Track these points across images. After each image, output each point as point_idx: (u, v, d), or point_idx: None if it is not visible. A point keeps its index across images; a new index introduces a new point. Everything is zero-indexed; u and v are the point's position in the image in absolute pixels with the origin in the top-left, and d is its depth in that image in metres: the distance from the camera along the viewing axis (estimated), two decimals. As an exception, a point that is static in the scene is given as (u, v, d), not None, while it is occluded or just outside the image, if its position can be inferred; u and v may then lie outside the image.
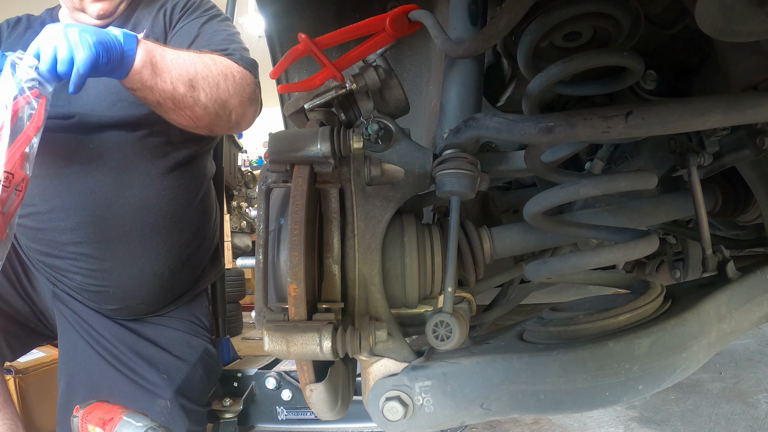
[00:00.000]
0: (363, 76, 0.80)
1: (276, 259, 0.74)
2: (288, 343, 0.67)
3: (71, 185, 1.42)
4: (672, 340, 0.73)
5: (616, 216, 0.92)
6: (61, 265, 1.48)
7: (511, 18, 0.68)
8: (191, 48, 1.44)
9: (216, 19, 1.56)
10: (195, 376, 1.57)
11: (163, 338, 1.57)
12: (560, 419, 2.26)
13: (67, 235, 1.44)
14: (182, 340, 1.60)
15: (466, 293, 0.86)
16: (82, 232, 1.44)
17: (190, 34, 1.51)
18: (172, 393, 1.49)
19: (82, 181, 1.42)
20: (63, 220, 1.43)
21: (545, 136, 0.66)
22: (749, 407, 2.25)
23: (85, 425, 1.16)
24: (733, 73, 0.81)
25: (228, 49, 1.44)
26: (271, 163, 0.74)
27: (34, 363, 2.08)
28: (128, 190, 1.45)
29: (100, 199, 1.43)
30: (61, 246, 1.46)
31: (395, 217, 0.79)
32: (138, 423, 1.11)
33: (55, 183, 1.42)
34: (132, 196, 1.46)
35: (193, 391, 1.55)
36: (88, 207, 1.42)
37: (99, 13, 1.48)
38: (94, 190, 1.42)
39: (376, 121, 0.78)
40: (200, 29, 1.52)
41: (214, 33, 1.52)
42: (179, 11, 1.57)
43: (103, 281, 1.49)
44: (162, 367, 1.52)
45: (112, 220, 1.45)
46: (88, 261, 1.46)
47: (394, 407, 0.74)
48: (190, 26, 1.53)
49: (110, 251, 1.47)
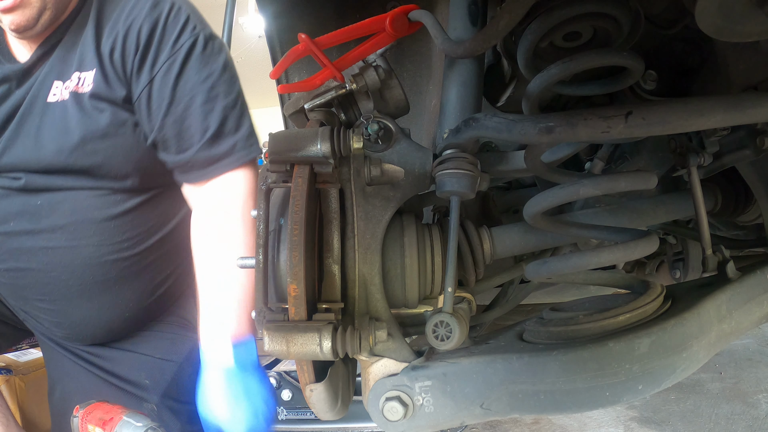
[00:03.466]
0: (363, 76, 0.80)
1: (276, 259, 0.74)
2: (288, 343, 0.67)
3: (22, 245, 1.32)
4: (672, 340, 0.73)
5: (616, 216, 0.92)
6: (29, 311, 1.42)
7: (511, 18, 0.68)
8: (166, 115, 1.24)
9: (192, 61, 1.26)
10: (183, 375, 1.49)
11: (142, 345, 1.50)
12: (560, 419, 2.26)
13: (28, 291, 1.37)
14: (165, 341, 1.52)
15: (466, 293, 0.86)
16: (41, 290, 1.35)
17: (161, 103, 1.24)
18: (158, 396, 1.43)
19: (32, 241, 1.31)
20: (20, 279, 1.35)
21: (545, 136, 0.66)
22: (749, 407, 2.25)
23: (85, 425, 1.16)
24: (733, 73, 0.81)
25: (209, 132, 1.23)
26: (271, 163, 0.74)
27: (34, 363, 2.08)
28: (83, 248, 1.33)
29: (54, 258, 1.32)
30: (24, 300, 1.39)
31: (395, 217, 0.79)
32: (138, 423, 1.11)
33: (7, 243, 1.32)
34: (88, 253, 1.33)
35: (182, 391, 1.48)
36: (42, 268, 1.33)
37: (12, 28, 1.23)
38: (46, 251, 1.32)
39: (376, 121, 0.78)
40: (173, 93, 1.25)
41: (190, 100, 1.24)
42: (139, 49, 1.25)
43: (71, 330, 1.42)
44: (145, 371, 1.46)
45: (70, 279, 1.34)
46: (53, 314, 1.40)
47: (394, 407, 0.74)
48: (159, 89, 1.25)
49: (74, 306, 1.38)
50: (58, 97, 1.26)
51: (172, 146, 1.28)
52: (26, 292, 1.38)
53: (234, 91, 1.29)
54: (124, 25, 1.25)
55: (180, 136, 1.26)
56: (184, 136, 1.26)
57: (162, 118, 1.25)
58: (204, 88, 1.25)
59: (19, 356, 2.05)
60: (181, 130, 1.26)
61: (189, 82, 1.25)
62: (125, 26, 1.25)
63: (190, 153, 1.26)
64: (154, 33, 1.25)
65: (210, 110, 1.25)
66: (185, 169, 1.30)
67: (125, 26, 1.25)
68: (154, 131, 1.27)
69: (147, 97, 1.26)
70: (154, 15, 1.25)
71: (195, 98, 1.25)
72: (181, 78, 1.25)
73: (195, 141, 1.26)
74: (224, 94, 1.27)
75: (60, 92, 1.26)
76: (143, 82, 1.25)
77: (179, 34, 1.26)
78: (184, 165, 1.29)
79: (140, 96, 1.26)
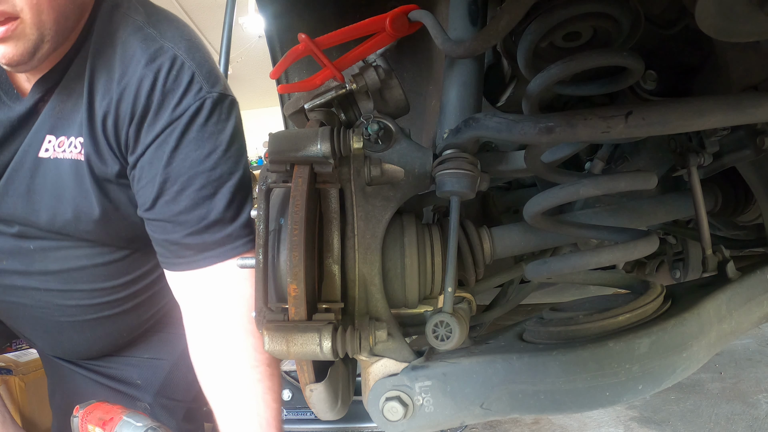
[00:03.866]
0: (363, 76, 0.80)
1: (276, 259, 0.74)
2: (288, 343, 0.67)
3: (14, 283, 1.29)
4: (672, 340, 0.73)
5: (616, 216, 0.92)
6: (23, 334, 1.43)
7: (511, 18, 0.68)
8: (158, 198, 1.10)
9: (192, 133, 1.08)
10: (176, 373, 1.48)
11: (132, 348, 1.49)
12: (560, 419, 2.26)
13: (21, 321, 1.37)
14: (156, 341, 1.51)
15: (466, 293, 0.86)
16: (34, 323, 1.35)
17: (153, 180, 1.09)
18: (151, 395, 1.43)
19: (24, 281, 1.27)
20: (13, 311, 1.34)
21: (545, 136, 0.66)
22: (749, 407, 2.25)
23: (85, 425, 1.16)
24: (733, 73, 0.81)
25: (204, 222, 1.09)
26: (271, 163, 0.74)
27: (34, 363, 2.08)
28: (75, 291, 1.29)
29: (46, 297, 1.29)
30: (18, 326, 1.40)
31: (395, 217, 0.79)
32: (138, 423, 1.11)
33: (21, 260, 1.27)
34: (80, 295, 1.30)
35: (176, 389, 1.48)
36: (34, 305, 1.30)
37: (3, 62, 1.02)
38: (38, 291, 1.29)
39: (376, 121, 0.78)
40: (167, 170, 1.08)
41: (187, 181, 1.08)
42: (134, 119, 1.08)
43: (64, 352, 1.43)
44: (137, 371, 1.46)
45: (63, 317, 1.32)
46: (46, 340, 1.41)
47: (394, 407, 0.74)
48: (152, 163, 1.09)
49: (66, 337, 1.37)
50: (50, 154, 1.12)
51: (158, 226, 1.15)
52: (19, 321, 1.38)
53: (239, 169, 1.13)
54: (118, 87, 1.07)
55: (170, 220, 1.12)
56: (174, 220, 1.12)
57: (153, 199, 1.11)
58: (205, 168, 1.09)
59: (19, 356, 2.05)
60: (173, 215, 1.11)
61: (188, 159, 1.08)
62: (119, 89, 1.07)
63: (178, 236, 1.12)
64: (152, 97, 1.07)
65: (209, 196, 1.09)
66: (170, 251, 1.16)
67: (119, 89, 1.07)
68: (142, 209, 1.15)
69: (139, 170, 1.11)
70: (152, 73, 1.06)
71: (193, 180, 1.09)
72: (178, 153, 1.08)
73: (187, 226, 1.11)
74: (228, 174, 1.11)
75: (53, 148, 1.12)
76: (137, 153, 1.10)
77: (180, 98, 1.08)
78: (169, 246, 1.15)
79: (134, 168, 1.12)
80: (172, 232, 1.13)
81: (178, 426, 1.47)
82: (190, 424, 1.53)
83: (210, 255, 1.12)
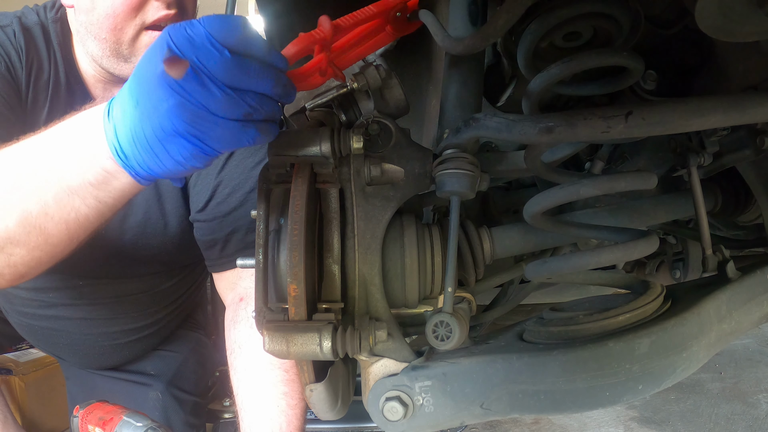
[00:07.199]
0: (364, 75, 0.80)
1: (276, 259, 0.74)
2: (288, 343, 0.67)
3: (59, 314, 1.37)
4: (672, 340, 0.73)
5: (616, 216, 0.91)
6: (52, 351, 1.51)
7: (511, 16, 0.68)
8: None
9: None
10: (187, 367, 1.56)
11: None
12: (560, 419, 2.26)
13: (59, 345, 1.45)
14: (170, 335, 1.60)
15: (466, 293, 0.86)
16: (73, 346, 1.44)
17: (210, 175, 1.21)
18: (163, 384, 1.49)
19: (71, 312, 1.37)
20: (54, 337, 1.42)
21: (545, 136, 0.66)
22: (749, 407, 2.25)
23: (85, 425, 1.16)
24: (733, 73, 0.81)
25: None
26: (271, 163, 0.74)
27: (34, 363, 2.08)
28: (121, 317, 1.41)
29: (92, 324, 1.39)
30: (52, 346, 1.47)
31: (395, 217, 0.79)
32: (138, 423, 1.11)
33: (44, 309, 1.36)
34: (125, 320, 1.42)
35: (186, 381, 1.55)
36: (78, 331, 1.40)
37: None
38: (85, 320, 1.39)
39: (376, 121, 0.78)
40: (222, 169, 1.21)
41: (240, 183, 1.21)
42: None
43: (97, 367, 1.51)
44: (151, 362, 1.53)
45: (106, 341, 1.43)
46: (82, 359, 1.48)
47: (394, 407, 0.74)
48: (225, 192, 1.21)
49: (105, 358, 1.47)
50: None
51: (207, 227, 1.22)
52: (57, 346, 1.45)
53: None
54: None
55: (219, 218, 1.20)
56: (223, 219, 1.20)
57: (206, 201, 1.20)
58: (255, 174, 1.19)
59: (19, 356, 2.05)
60: (222, 214, 1.19)
61: (240, 165, 1.18)
62: None
63: (224, 233, 1.20)
64: None
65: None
66: (217, 251, 1.24)
67: None
68: (194, 211, 1.21)
69: (195, 175, 1.19)
70: None
71: (243, 184, 1.18)
72: (232, 160, 1.19)
73: (232, 223, 1.19)
74: None
75: None
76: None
77: None
78: (215, 244, 1.22)
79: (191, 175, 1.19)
80: (218, 231, 1.21)
81: (185, 419, 1.51)
82: (196, 419, 1.56)
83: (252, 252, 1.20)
